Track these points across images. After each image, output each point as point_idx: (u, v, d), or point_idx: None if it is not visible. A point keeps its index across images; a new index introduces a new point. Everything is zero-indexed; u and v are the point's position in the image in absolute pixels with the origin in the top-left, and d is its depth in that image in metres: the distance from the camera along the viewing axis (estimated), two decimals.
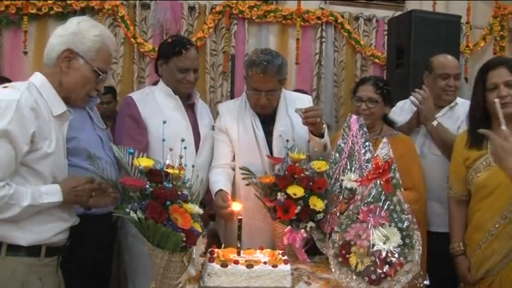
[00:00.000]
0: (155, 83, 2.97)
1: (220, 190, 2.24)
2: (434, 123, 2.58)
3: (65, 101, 1.77)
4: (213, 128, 2.53)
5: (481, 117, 2.15)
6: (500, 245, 2.06)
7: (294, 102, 2.41)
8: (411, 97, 2.68)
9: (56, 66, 1.73)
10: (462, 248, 2.21)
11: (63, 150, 1.81)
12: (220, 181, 2.30)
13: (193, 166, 1.82)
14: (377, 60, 4.89)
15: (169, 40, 2.52)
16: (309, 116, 2.18)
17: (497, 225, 2.07)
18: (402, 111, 2.86)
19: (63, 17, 4.33)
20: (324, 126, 2.29)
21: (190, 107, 2.53)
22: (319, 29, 4.86)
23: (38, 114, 1.63)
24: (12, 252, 1.64)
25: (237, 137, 2.38)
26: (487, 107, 2.12)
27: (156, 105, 2.42)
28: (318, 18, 4.83)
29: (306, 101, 2.51)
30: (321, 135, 2.28)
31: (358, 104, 2.50)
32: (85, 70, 1.74)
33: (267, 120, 2.41)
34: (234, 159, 2.41)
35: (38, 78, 1.73)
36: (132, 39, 4.59)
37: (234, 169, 2.40)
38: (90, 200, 1.80)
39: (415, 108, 2.67)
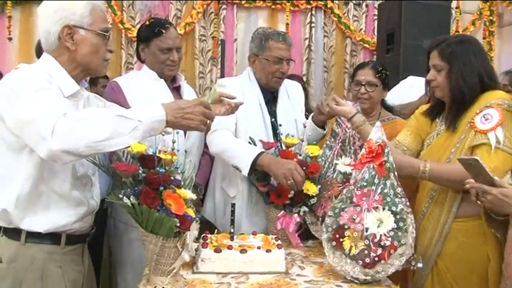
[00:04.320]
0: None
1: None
2: None
3: (85, 74, 1.73)
4: None
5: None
6: (430, 224, 1.99)
7: (287, 87, 2.48)
8: None
9: (60, 47, 1.65)
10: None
11: None
12: (248, 146, 2.19)
13: (186, 151, 1.81)
14: (367, 45, 4.88)
15: (147, 23, 2.47)
16: (342, 103, 2.17)
17: (426, 205, 2.02)
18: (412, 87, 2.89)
19: None
20: None
21: (176, 90, 2.48)
22: (309, 14, 4.83)
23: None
24: (32, 238, 1.61)
25: (244, 110, 2.15)
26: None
27: (142, 89, 2.35)
28: (308, 3, 4.80)
29: (297, 87, 2.55)
30: (323, 127, 2.34)
31: (357, 88, 2.47)
32: (91, 38, 1.66)
33: (270, 102, 2.41)
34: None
35: (46, 59, 1.67)
36: (120, 25, 4.53)
37: None
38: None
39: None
